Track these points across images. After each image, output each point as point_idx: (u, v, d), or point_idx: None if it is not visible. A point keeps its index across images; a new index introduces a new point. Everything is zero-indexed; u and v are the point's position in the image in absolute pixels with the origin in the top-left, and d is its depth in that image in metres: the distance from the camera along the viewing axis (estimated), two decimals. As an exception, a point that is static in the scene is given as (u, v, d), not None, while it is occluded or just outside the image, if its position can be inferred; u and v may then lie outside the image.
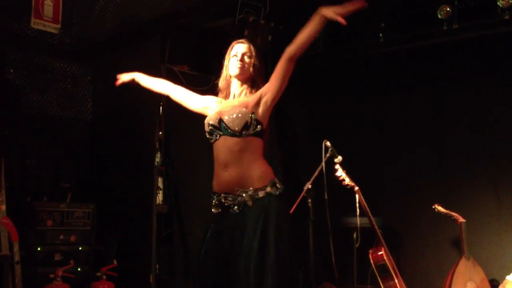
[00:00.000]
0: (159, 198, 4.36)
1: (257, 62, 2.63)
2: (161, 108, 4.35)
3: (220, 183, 2.51)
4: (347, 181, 4.04)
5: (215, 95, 2.78)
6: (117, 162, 4.60)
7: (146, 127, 4.45)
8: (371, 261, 4.00)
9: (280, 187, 2.52)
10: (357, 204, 4.05)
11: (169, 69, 4.35)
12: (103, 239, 4.39)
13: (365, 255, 4.11)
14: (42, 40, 4.68)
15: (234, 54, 2.63)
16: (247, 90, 2.63)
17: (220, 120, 2.53)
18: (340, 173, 4.04)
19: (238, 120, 2.48)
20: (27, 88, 4.63)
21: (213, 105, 2.69)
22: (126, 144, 4.55)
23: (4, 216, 3.67)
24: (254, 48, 2.67)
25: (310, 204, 4.13)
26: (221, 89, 2.72)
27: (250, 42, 2.73)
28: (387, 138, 5.00)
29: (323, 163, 4.02)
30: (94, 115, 5.01)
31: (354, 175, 4.11)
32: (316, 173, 4.07)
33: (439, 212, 4.23)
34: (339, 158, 4.03)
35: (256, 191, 2.45)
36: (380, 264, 3.96)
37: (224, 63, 2.70)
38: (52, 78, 4.81)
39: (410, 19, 4.52)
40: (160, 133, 4.37)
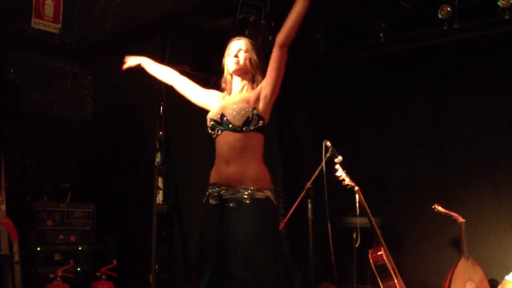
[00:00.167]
0: (159, 198, 4.36)
1: (253, 56, 2.63)
2: (161, 108, 4.35)
3: (220, 175, 2.54)
4: (347, 181, 4.04)
5: (218, 90, 2.78)
6: (117, 162, 4.61)
7: (146, 127, 4.45)
8: (371, 261, 4.00)
9: (273, 193, 2.55)
10: (357, 204, 4.04)
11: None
12: (103, 239, 4.39)
13: (364, 255, 4.11)
14: (42, 40, 4.69)
15: (230, 52, 2.66)
16: (248, 85, 2.65)
17: (222, 116, 2.55)
18: (340, 173, 4.04)
19: (240, 116, 2.50)
20: (27, 88, 4.63)
21: (216, 100, 2.71)
22: (127, 144, 4.56)
23: (4, 216, 3.67)
24: (251, 43, 2.67)
25: (310, 204, 4.13)
26: (223, 87, 2.74)
27: (248, 38, 2.74)
28: (387, 138, 5.00)
29: (323, 163, 4.02)
30: (95, 115, 5.01)
31: (354, 175, 4.11)
32: (316, 173, 4.07)
33: (438, 212, 4.23)
34: (339, 158, 4.03)
35: (256, 192, 2.47)
36: (380, 264, 3.96)
37: (223, 62, 2.72)
38: (52, 78, 4.81)
39: (410, 19, 4.52)
40: (160, 133, 4.37)
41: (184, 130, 4.57)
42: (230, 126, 2.51)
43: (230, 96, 2.69)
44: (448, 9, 4.21)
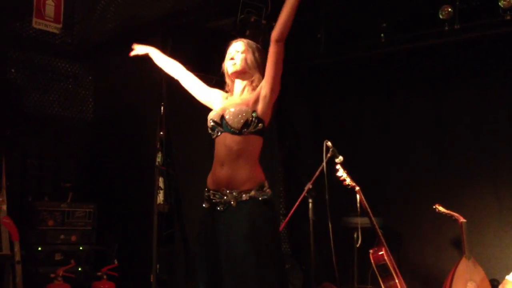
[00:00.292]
0: (160, 198, 4.37)
1: (250, 56, 2.61)
2: (162, 108, 4.35)
3: (214, 179, 2.53)
4: (348, 181, 4.04)
5: (221, 89, 2.78)
6: (118, 162, 4.60)
7: (147, 127, 4.45)
8: (372, 261, 4.00)
9: (267, 191, 2.51)
10: (358, 204, 4.04)
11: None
12: (104, 239, 4.39)
13: (365, 255, 4.11)
14: (43, 40, 4.69)
15: (228, 54, 2.66)
16: (248, 86, 2.64)
17: (222, 117, 2.54)
18: (341, 173, 4.03)
19: (239, 118, 2.49)
20: (28, 88, 4.62)
21: (218, 100, 2.71)
22: (127, 144, 4.56)
23: (5, 216, 3.67)
24: (249, 43, 2.65)
25: (311, 204, 4.14)
26: (227, 88, 2.74)
27: (247, 38, 2.73)
28: (388, 138, 5.00)
29: (324, 163, 4.02)
30: (95, 115, 5.01)
31: (355, 175, 4.11)
32: (317, 173, 4.07)
33: (439, 212, 4.23)
34: (340, 158, 4.03)
35: (241, 193, 2.45)
36: (381, 264, 3.96)
37: (223, 64, 2.71)
38: (53, 78, 4.80)
39: (411, 19, 4.52)
40: (161, 133, 4.37)
41: (185, 130, 4.57)
42: (229, 128, 2.50)
43: (232, 97, 2.69)
44: (449, 9, 4.21)
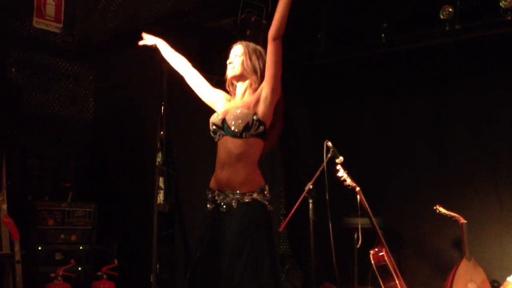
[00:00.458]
0: (160, 197, 4.36)
1: (247, 59, 2.61)
2: (162, 107, 4.35)
3: (216, 180, 2.56)
4: (348, 181, 4.03)
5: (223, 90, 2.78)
6: (118, 161, 4.60)
7: (147, 127, 4.44)
8: (372, 261, 4.00)
9: (268, 195, 2.53)
10: (358, 205, 4.04)
11: (170, 69, 4.34)
12: (104, 239, 4.39)
13: (366, 256, 4.10)
14: (44, 39, 4.69)
15: (228, 58, 2.68)
16: (249, 89, 2.64)
17: (224, 120, 2.55)
18: (341, 173, 4.03)
19: (239, 121, 2.49)
20: (28, 88, 4.62)
21: (221, 101, 2.71)
22: (128, 143, 4.56)
23: (5, 215, 3.67)
24: (248, 46, 2.65)
25: (311, 205, 4.13)
26: (229, 91, 2.75)
27: (248, 40, 2.73)
28: (389, 138, 5.00)
29: (324, 164, 4.01)
30: (96, 114, 5.01)
31: (355, 175, 4.11)
32: (317, 173, 4.06)
33: (440, 213, 4.22)
34: (341, 159, 4.03)
35: (243, 195, 2.47)
36: (381, 264, 3.95)
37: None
38: (54, 78, 4.80)
39: (412, 19, 4.52)
40: (161, 132, 4.37)
41: (185, 129, 4.57)
42: (230, 131, 2.51)
43: (234, 100, 2.69)
44: (450, 9, 4.21)
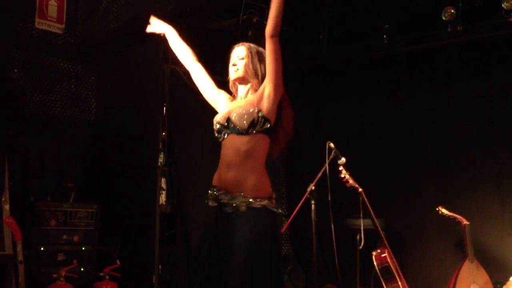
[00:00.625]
0: (162, 198, 4.36)
1: (249, 62, 2.62)
2: (164, 108, 4.35)
3: (221, 180, 2.53)
4: (350, 182, 4.03)
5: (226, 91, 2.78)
6: (120, 162, 4.61)
7: (149, 128, 4.45)
8: (375, 263, 3.99)
9: (274, 203, 2.52)
10: (360, 206, 4.03)
11: (172, 69, 4.36)
12: (106, 239, 4.39)
13: (368, 257, 4.10)
14: (46, 40, 4.69)
15: (231, 59, 2.67)
16: (252, 89, 2.64)
17: (228, 119, 2.55)
18: (343, 174, 4.03)
19: (245, 118, 2.49)
20: (31, 88, 4.63)
21: (223, 102, 2.71)
22: (130, 144, 4.56)
23: (7, 216, 3.67)
24: (250, 48, 2.65)
25: (313, 206, 4.12)
26: (231, 91, 2.75)
27: (250, 41, 2.73)
28: (391, 139, 4.99)
29: (326, 165, 4.01)
30: (98, 115, 5.02)
31: (358, 176, 4.11)
32: (319, 174, 4.06)
33: (443, 214, 4.22)
34: (343, 160, 4.02)
35: (253, 200, 2.45)
36: (384, 266, 3.95)
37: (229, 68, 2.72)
38: (56, 78, 4.81)
39: (414, 20, 4.52)
40: (163, 133, 4.37)
41: (187, 130, 4.57)
42: (236, 129, 2.51)
43: (236, 101, 2.70)
44: (452, 11, 4.20)
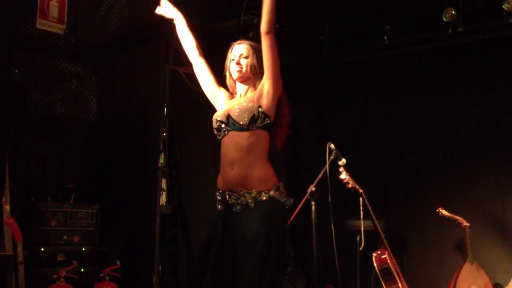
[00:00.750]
0: (163, 199, 4.37)
1: (254, 61, 2.62)
2: (165, 109, 4.36)
3: (225, 180, 2.53)
4: (351, 184, 4.03)
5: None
6: (121, 163, 4.61)
7: (150, 128, 4.45)
8: (375, 264, 3.99)
9: (284, 191, 2.52)
10: (361, 207, 4.03)
11: (173, 70, 4.36)
12: (107, 240, 4.39)
13: (368, 258, 4.10)
14: (47, 40, 4.70)
15: (232, 58, 2.66)
16: (252, 87, 2.66)
17: (228, 116, 2.55)
18: (344, 175, 4.03)
19: (245, 114, 2.50)
20: (31, 89, 4.63)
21: (222, 99, 2.72)
22: (130, 145, 4.56)
23: (8, 216, 3.68)
24: (252, 47, 2.66)
25: (313, 207, 4.13)
26: (228, 88, 2.75)
27: (251, 40, 2.74)
28: (392, 141, 4.99)
29: (327, 166, 4.01)
30: (99, 116, 5.02)
31: (358, 178, 4.11)
32: (320, 175, 4.07)
33: (443, 216, 4.21)
34: (343, 161, 4.03)
35: (259, 194, 2.46)
36: (384, 267, 3.95)
37: (225, 63, 2.71)
38: (57, 79, 4.81)
39: (415, 21, 4.52)
40: (164, 134, 4.37)
41: (188, 131, 4.57)
42: (237, 125, 2.51)
43: (235, 99, 2.70)
44: (453, 12, 4.20)
